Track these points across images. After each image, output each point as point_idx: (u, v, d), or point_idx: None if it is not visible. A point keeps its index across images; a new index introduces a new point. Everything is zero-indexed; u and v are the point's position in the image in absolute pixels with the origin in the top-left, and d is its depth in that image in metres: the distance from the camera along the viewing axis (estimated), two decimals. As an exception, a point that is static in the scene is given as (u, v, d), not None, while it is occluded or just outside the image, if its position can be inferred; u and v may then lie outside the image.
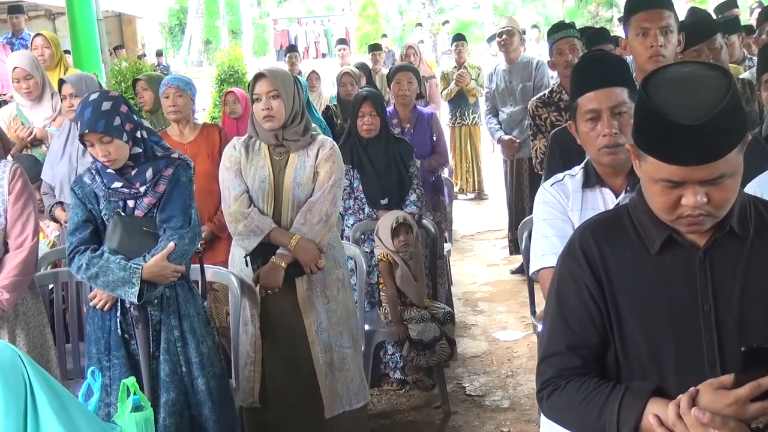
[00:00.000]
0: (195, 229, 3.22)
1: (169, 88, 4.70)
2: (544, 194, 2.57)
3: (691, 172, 1.65)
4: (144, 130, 3.20)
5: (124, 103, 3.16)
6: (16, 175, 3.23)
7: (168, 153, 3.26)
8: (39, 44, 6.17)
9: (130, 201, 3.18)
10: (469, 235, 9.02)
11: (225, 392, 3.37)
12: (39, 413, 1.80)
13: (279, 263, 3.57)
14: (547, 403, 1.86)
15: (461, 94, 9.87)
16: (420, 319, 4.51)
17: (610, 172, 2.50)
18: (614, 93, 2.44)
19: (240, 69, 11.20)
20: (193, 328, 3.24)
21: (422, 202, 5.00)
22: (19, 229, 3.20)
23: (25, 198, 3.23)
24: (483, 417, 4.63)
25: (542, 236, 2.51)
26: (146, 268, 3.07)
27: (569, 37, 5.19)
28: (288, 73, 3.88)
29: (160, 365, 3.20)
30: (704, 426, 1.58)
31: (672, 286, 1.78)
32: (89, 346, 3.31)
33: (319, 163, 3.66)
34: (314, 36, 25.08)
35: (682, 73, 1.70)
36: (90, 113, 3.05)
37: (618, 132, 2.41)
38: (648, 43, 3.22)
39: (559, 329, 1.86)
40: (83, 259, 3.11)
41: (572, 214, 2.49)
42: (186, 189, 3.22)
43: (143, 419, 2.67)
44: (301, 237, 3.56)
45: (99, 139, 3.06)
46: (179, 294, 3.25)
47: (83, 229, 3.17)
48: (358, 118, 4.84)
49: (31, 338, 3.30)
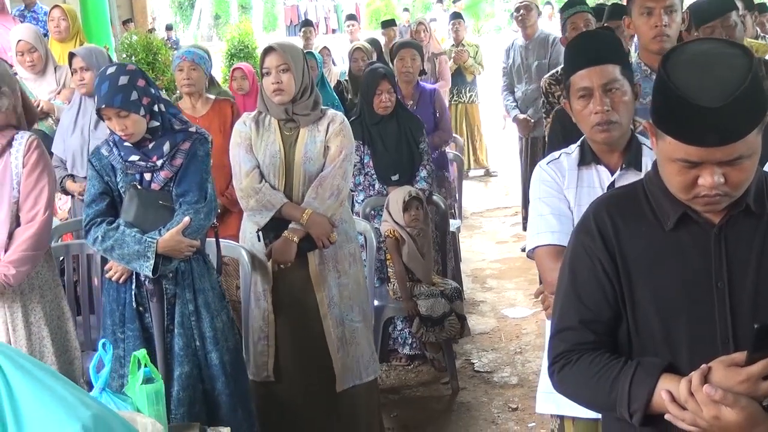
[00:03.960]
0: (210, 204, 3.21)
1: (183, 60, 4.69)
2: (541, 172, 2.57)
3: (709, 153, 1.63)
4: (162, 103, 3.18)
5: (142, 77, 3.14)
6: (31, 147, 3.19)
7: (186, 126, 3.24)
8: (56, 16, 6.15)
9: (147, 174, 3.17)
10: (478, 212, 9.02)
11: (238, 367, 3.37)
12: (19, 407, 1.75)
13: (291, 237, 3.58)
14: (559, 377, 1.86)
15: (459, 72, 9.81)
16: (429, 295, 4.52)
17: (605, 149, 2.50)
18: (606, 70, 2.42)
19: (250, 44, 11.18)
20: (207, 302, 3.24)
21: (432, 179, 5.00)
22: (32, 203, 3.18)
23: (40, 171, 3.20)
24: (491, 393, 4.65)
25: (538, 215, 2.51)
26: (161, 242, 3.07)
27: (583, 12, 5.15)
28: (297, 47, 3.87)
29: (174, 339, 3.20)
30: (716, 403, 1.58)
31: (686, 263, 1.77)
32: (104, 318, 3.31)
33: (329, 138, 3.65)
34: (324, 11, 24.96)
35: (702, 52, 1.67)
36: (107, 88, 3.05)
37: (610, 109, 2.41)
38: (652, 22, 3.20)
39: (572, 304, 1.86)
40: (99, 231, 3.12)
41: (568, 192, 2.50)
42: (202, 163, 3.20)
43: (154, 391, 2.67)
44: (313, 211, 3.56)
45: (116, 114, 3.05)
46: (194, 268, 3.25)
47: (100, 202, 3.17)
48: (375, 95, 4.83)
49: (47, 311, 3.29)
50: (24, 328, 3.22)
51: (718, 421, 1.58)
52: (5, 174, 3.17)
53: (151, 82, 3.20)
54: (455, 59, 9.65)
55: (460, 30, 10.00)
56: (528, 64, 6.95)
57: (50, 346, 3.27)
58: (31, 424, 1.70)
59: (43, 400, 1.72)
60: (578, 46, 2.55)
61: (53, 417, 1.70)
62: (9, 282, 3.12)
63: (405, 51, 5.81)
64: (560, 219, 2.46)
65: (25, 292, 3.24)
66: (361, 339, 3.81)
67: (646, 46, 3.23)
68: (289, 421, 3.72)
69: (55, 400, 1.73)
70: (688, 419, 1.62)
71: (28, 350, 3.20)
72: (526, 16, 6.96)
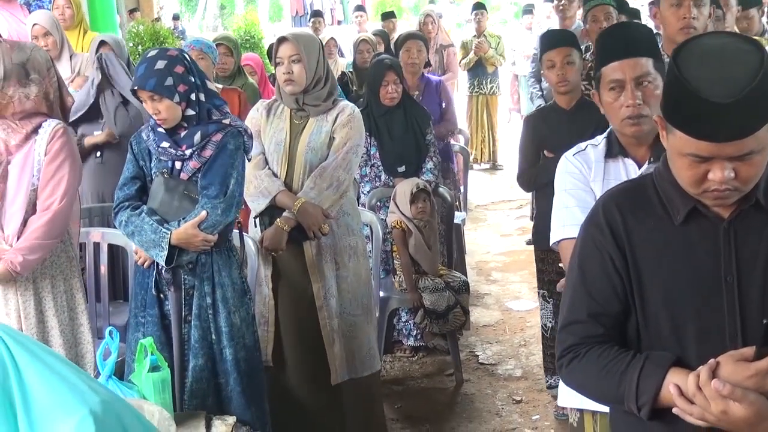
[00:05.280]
0: (231, 200, 3.13)
1: (191, 50, 4.69)
2: (566, 164, 2.54)
3: (720, 149, 1.63)
4: (202, 93, 3.13)
5: (182, 64, 3.09)
6: (56, 135, 3.18)
7: (221, 118, 3.19)
8: (61, 4, 6.14)
9: (177, 163, 3.15)
10: (483, 205, 9.02)
11: (254, 365, 3.31)
12: (28, 391, 1.75)
13: (282, 226, 3.57)
14: (567, 370, 1.87)
15: (480, 63, 9.81)
16: (434, 289, 4.52)
17: (633, 142, 2.47)
18: (639, 63, 2.40)
19: (256, 34, 11.17)
20: (225, 297, 3.20)
21: (438, 171, 5.00)
22: (49, 191, 3.17)
23: (61, 160, 3.18)
24: (495, 385, 4.66)
25: (563, 206, 2.49)
26: (175, 234, 3.06)
27: (605, 5, 5.15)
28: (314, 37, 3.86)
29: (191, 330, 3.19)
30: (724, 398, 1.58)
31: (695, 257, 1.77)
32: (131, 300, 3.33)
33: (335, 128, 3.65)
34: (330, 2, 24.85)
35: (714, 46, 1.67)
36: (144, 70, 3.04)
37: (642, 103, 2.38)
38: (681, 14, 3.19)
39: (581, 297, 1.86)
40: (124, 216, 3.14)
41: (594, 185, 2.47)
42: (230, 157, 3.13)
43: (160, 379, 2.68)
44: (306, 201, 3.54)
45: (150, 97, 3.04)
46: (215, 261, 3.20)
47: (131, 185, 3.18)
48: (381, 87, 4.83)
49: (58, 301, 3.28)
50: (35, 317, 3.23)
51: (726, 415, 1.59)
52: (27, 160, 3.16)
53: (193, 71, 3.14)
54: (476, 50, 9.64)
55: (482, 20, 9.96)
56: None
57: (58, 337, 3.26)
58: (40, 408, 1.71)
59: (51, 385, 1.73)
60: (611, 38, 2.52)
61: (62, 402, 1.71)
62: (16, 269, 3.10)
63: (411, 42, 5.81)
64: (586, 211, 2.45)
65: (37, 280, 3.24)
66: (360, 333, 3.79)
67: (673, 37, 3.22)
68: (287, 407, 3.70)
69: (63, 385, 1.74)
70: (696, 413, 1.62)
71: (39, 338, 3.19)
72: (567, 7, 6.92)
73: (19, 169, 3.16)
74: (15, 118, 3.15)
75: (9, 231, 3.17)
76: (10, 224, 3.17)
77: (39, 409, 1.71)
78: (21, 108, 3.15)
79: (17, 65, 3.12)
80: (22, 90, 3.13)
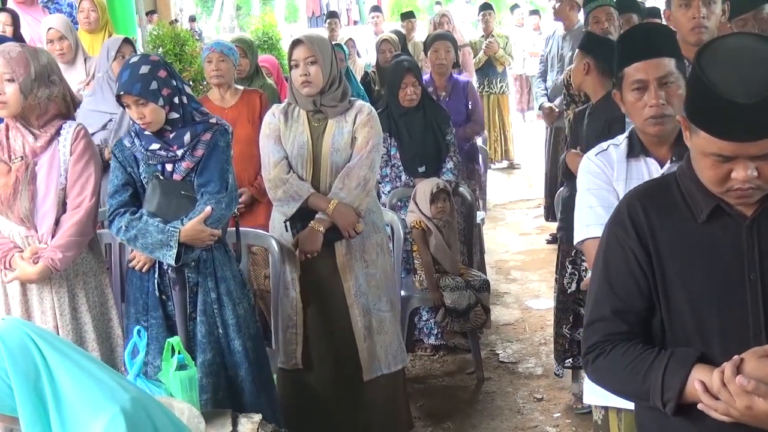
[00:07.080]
0: (232, 194, 3.25)
1: (212, 52, 4.72)
2: (589, 164, 2.55)
3: (743, 148, 1.65)
4: (184, 96, 3.22)
5: (164, 68, 3.18)
6: (79, 136, 3.26)
7: (206, 118, 3.28)
8: (86, 7, 6.17)
9: (169, 165, 3.21)
10: (501, 204, 9.03)
11: (261, 353, 3.41)
12: (60, 391, 1.78)
13: (317, 228, 3.62)
14: (593, 367, 1.89)
15: (489, 63, 9.84)
16: (455, 288, 4.55)
17: (656, 141, 2.48)
18: (662, 63, 2.41)
19: (274, 35, 11.19)
20: (229, 290, 3.28)
21: (459, 170, 5.02)
22: (78, 190, 3.25)
23: (87, 159, 3.27)
24: (516, 384, 4.68)
25: (587, 206, 2.51)
26: (183, 231, 3.11)
27: (606, 6, 5.15)
28: (325, 39, 3.92)
29: (197, 326, 3.25)
30: (748, 393, 1.60)
31: (719, 255, 1.79)
32: (128, 306, 3.37)
33: (356, 129, 3.69)
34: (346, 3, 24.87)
35: (737, 47, 1.69)
36: (127, 75, 3.10)
37: (665, 103, 2.39)
38: (690, 14, 3.20)
39: (606, 295, 1.89)
40: (122, 221, 3.17)
41: (617, 184, 2.48)
42: (223, 154, 3.24)
43: (188, 378, 2.72)
44: (339, 201, 3.59)
45: (135, 102, 3.10)
46: (216, 257, 3.29)
47: (123, 192, 3.22)
48: (400, 89, 4.86)
49: (90, 298, 3.36)
50: (70, 314, 3.30)
51: (751, 411, 1.61)
52: (53, 162, 3.24)
53: (175, 74, 3.23)
54: (485, 50, 9.66)
55: (490, 21, 10.02)
56: (562, 54, 6.92)
57: (92, 332, 3.34)
58: (72, 407, 1.75)
59: (82, 383, 1.76)
60: (634, 38, 2.53)
61: (93, 400, 1.75)
62: (56, 266, 3.18)
63: (439, 43, 5.84)
64: (609, 211, 2.46)
65: (70, 278, 3.31)
66: (389, 328, 3.85)
67: (685, 37, 3.23)
68: (317, 409, 3.76)
69: (94, 383, 1.78)
70: (721, 409, 1.64)
71: (74, 336, 3.27)
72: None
73: (47, 170, 3.24)
74: (39, 122, 3.23)
75: (43, 230, 3.24)
76: (44, 224, 3.25)
77: (71, 408, 1.75)
78: (45, 109, 3.23)
79: (43, 67, 3.20)
80: (47, 91, 3.21)
